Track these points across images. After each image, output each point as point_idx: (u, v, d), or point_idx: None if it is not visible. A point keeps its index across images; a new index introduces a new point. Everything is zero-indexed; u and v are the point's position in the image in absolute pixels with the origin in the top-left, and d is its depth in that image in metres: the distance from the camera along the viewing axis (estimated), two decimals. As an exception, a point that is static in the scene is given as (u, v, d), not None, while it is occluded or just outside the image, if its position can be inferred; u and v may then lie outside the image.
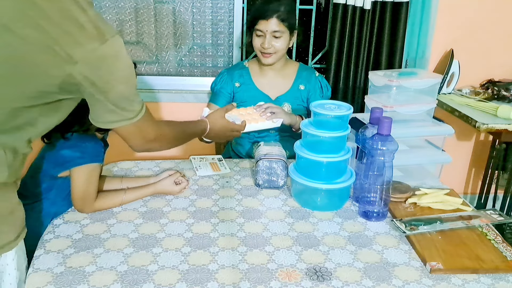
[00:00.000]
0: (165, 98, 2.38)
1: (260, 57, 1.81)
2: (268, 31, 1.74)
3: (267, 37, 1.75)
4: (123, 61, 0.92)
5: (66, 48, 0.84)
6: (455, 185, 2.55)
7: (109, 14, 2.32)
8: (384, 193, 1.27)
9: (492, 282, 1.05)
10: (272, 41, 1.76)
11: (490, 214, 1.29)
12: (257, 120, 1.57)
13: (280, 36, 1.76)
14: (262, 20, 1.75)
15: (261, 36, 1.77)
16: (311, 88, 1.90)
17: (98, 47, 0.86)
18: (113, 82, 0.92)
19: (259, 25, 1.76)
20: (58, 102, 0.94)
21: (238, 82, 1.89)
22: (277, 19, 1.74)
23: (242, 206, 1.36)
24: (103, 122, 1.00)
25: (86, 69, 0.86)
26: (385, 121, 1.21)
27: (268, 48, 1.76)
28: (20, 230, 1.00)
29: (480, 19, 2.34)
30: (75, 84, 0.88)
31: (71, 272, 1.03)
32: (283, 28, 1.75)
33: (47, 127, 0.99)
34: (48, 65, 0.85)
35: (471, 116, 1.99)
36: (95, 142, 1.27)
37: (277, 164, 1.44)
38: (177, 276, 1.03)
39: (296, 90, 1.88)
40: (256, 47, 1.81)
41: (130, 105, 0.99)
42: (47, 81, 0.87)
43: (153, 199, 1.38)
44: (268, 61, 1.80)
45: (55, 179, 1.25)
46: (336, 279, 1.04)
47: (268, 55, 1.78)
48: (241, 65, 1.94)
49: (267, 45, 1.75)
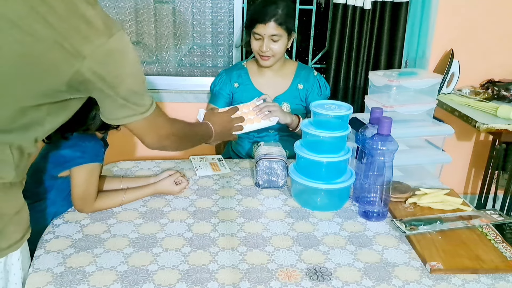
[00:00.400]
0: (165, 98, 2.38)
1: (259, 59, 1.81)
2: (266, 34, 1.74)
3: (265, 41, 1.74)
4: (131, 55, 0.93)
5: (75, 44, 0.84)
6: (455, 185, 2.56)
7: (109, 14, 2.32)
8: (384, 193, 1.27)
9: (492, 282, 1.05)
10: (270, 44, 1.75)
11: (490, 214, 1.29)
12: (252, 121, 1.57)
13: (278, 40, 1.75)
14: (260, 24, 1.74)
15: (259, 39, 1.76)
16: (310, 87, 1.89)
17: (106, 42, 0.86)
18: (122, 76, 0.92)
19: (257, 29, 1.75)
20: (66, 101, 0.93)
21: (237, 82, 1.89)
22: (275, 23, 1.72)
23: (242, 206, 1.36)
24: (116, 119, 1.00)
25: (95, 64, 0.86)
26: (385, 121, 1.21)
27: (266, 52, 1.76)
28: (25, 230, 1.00)
29: (480, 19, 2.34)
30: (84, 81, 0.88)
31: (71, 272, 1.03)
32: (281, 32, 1.74)
33: (53, 126, 0.99)
34: (57, 62, 0.85)
35: (471, 116, 1.99)
36: (95, 142, 1.27)
37: (277, 164, 1.44)
38: (177, 276, 1.03)
39: (295, 89, 1.88)
40: (254, 50, 1.81)
41: (141, 99, 0.99)
42: (56, 79, 0.87)
43: (153, 199, 1.38)
44: (266, 63, 1.80)
45: (55, 179, 1.25)
46: (336, 279, 1.04)
47: (266, 58, 1.78)
48: (240, 66, 1.94)
49: (265, 48, 1.75)
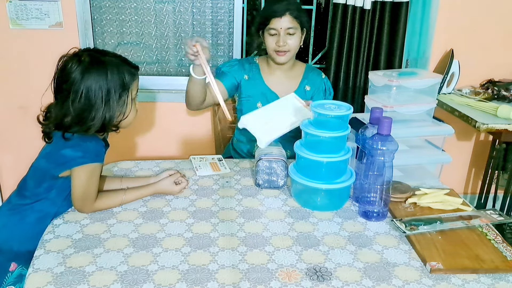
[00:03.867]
0: (165, 98, 2.38)
1: (275, 56, 1.79)
2: (282, 28, 1.73)
3: (281, 35, 1.74)
4: None
5: None
6: (455, 185, 2.56)
7: (109, 14, 2.32)
8: (384, 193, 1.27)
9: (492, 282, 1.05)
10: (287, 39, 1.75)
11: (490, 214, 1.29)
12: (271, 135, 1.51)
13: (294, 33, 1.75)
14: (275, 18, 1.73)
15: (275, 34, 1.76)
16: (316, 90, 1.89)
17: None
18: None
19: (272, 24, 1.74)
20: None
21: (247, 75, 1.87)
22: (290, 16, 1.73)
23: (242, 206, 1.36)
24: None
25: None
26: (385, 121, 1.21)
27: (283, 46, 1.75)
28: None
29: (480, 19, 2.34)
30: None
31: (71, 272, 1.03)
32: (296, 25, 1.75)
33: None
34: None
35: (471, 116, 1.99)
36: (96, 142, 1.27)
37: (277, 164, 1.44)
38: (177, 276, 1.03)
39: (302, 90, 1.87)
40: (270, 47, 1.79)
41: None
42: None
43: (153, 199, 1.38)
44: (282, 59, 1.79)
45: (56, 179, 1.25)
46: (336, 279, 1.04)
47: (283, 53, 1.77)
48: (252, 60, 1.92)
49: (282, 42, 1.74)
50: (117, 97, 1.25)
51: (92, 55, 1.24)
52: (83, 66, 1.20)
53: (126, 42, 2.38)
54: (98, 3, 2.29)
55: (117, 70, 1.24)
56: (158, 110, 2.41)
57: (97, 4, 2.29)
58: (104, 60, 1.24)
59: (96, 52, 1.28)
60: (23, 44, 2.22)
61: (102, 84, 1.21)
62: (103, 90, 1.22)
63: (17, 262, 1.24)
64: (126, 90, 1.26)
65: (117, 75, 1.24)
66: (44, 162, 1.27)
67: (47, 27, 2.20)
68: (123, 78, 1.25)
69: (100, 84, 1.21)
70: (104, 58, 1.25)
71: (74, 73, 1.20)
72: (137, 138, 2.44)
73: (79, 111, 1.21)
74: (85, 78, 1.20)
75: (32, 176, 1.29)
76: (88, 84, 1.20)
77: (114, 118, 1.26)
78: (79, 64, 1.21)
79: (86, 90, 1.20)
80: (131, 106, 1.30)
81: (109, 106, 1.23)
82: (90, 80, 1.20)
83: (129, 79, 1.27)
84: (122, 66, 1.26)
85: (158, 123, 2.43)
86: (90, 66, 1.21)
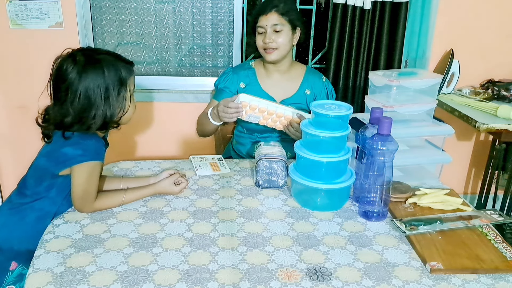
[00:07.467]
0: (165, 98, 2.38)
1: (264, 54, 1.80)
2: (268, 25, 1.74)
3: (267, 32, 1.75)
4: None
5: None
6: (455, 185, 2.56)
7: (109, 14, 2.32)
8: (384, 193, 1.27)
9: (492, 282, 1.05)
10: (273, 35, 1.75)
11: (490, 214, 1.29)
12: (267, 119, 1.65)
13: (281, 30, 1.75)
14: (262, 15, 1.75)
15: (263, 32, 1.77)
16: (318, 94, 1.88)
17: None
18: None
19: (260, 22, 1.76)
20: None
21: (244, 83, 1.86)
22: (276, 13, 1.74)
23: (242, 206, 1.36)
24: None
25: None
26: (385, 121, 1.21)
27: (270, 43, 1.75)
28: None
29: (480, 19, 2.34)
30: None
31: (71, 272, 1.03)
32: (283, 22, 1.75)
33: None
34: None
35: (471, 116, 1.99)
36: (96, 140, 1.27)
37: (277, 164, 1.44)
38: (177, 276, 1.03)
39: (302, 94, 1.86)
40: (259, 46, 1.80)
41: None
42: None
43: (153, 199, 1.38)
44: (271, 57, 1.78)
45: (56, 177, 1.25)
46: (336, 279, 1.04)
47: (271, 51, 1.77)
48: (248, 65, 1.91)
49: (268, 39, 1.74)
50: (116, 93, 1.25)
51: (86, 54, 1.24)
52: (79, 65, 1.21)
53: (126, 42, 2.38)
54: (98, 3, 2.29)
55: (113, 67, 1.24)
56: (158, 110, 2.41)
57: (97, 4, 2.29)
58: (99, 58, 1.24)
59: (89, 50, 1.29)
60: (23, 44, 2.22)
61: (100, 82, 1.21)
62: (102, 88, 1.22)
63: (17, 261, 1.24)
64: (124, 85, 1.27)
65: (114, 72, 1.24)
66: (44, 160, 1.27)
67: (47, 27, 2.20)
68: (119, 74, 1.25)
69: (98, 82, 1.21)
70: (98, 56, 1.25)
71: (71, 74, 1.20)
72: (137, 138, 2.44)
73: (79, 111, 1.21)
74: (82, 77, 1.20)
75: (32, 174, 1.29)
76: (86, 83, 1.20)
77: (115, 114, 1.27)
78: (75, 64, 1.21)
79: (84, 90, 1.20)
80: (130, 101, 1.30)
81: (109, 103, 1.24)
82: (87, 79, 1.20)
83: (125, 75, 1.27)
84: (118, 63, 1.27)
85: (158, 123, 2.43)
86: (86, 65, 1.21)
